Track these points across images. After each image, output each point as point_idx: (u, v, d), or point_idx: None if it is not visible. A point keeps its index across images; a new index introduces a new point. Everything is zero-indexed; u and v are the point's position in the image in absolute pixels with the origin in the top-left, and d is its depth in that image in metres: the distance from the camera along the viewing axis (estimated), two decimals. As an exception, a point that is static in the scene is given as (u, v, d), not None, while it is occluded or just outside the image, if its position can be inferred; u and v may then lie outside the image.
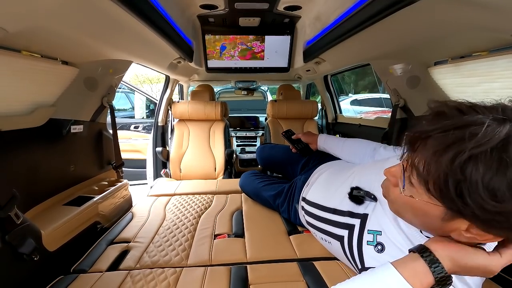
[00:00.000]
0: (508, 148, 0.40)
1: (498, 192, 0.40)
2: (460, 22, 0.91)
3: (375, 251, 0.72)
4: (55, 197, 1.18)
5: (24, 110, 1.06)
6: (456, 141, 0.43)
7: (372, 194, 0.81)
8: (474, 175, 0.41)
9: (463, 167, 0.42)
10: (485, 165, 0.41)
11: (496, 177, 0.40)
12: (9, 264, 0.79)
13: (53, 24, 0.84)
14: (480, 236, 0.48)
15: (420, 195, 0.52)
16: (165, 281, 0.86)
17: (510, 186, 0.40)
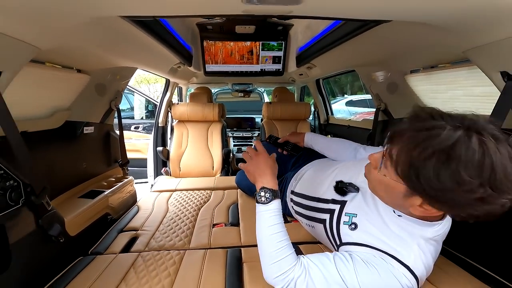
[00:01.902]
0: (456, 148, 0.56)
1: (442, 177, 0.56)
2: (422, 38, 1.07)
3: (349, 229, 0.87)
4: (71, 191, 1.32)
5: (45, 113, 1.20)
6: (423, 139, 0.60)
7: (356, 185, 0.96)
8: (429, 165, 0.58)
9: (424, 159, 0.59)
10: (438, 158, 0.57)
11: (443, 166, 0.56)
12: (41, 244, 0.93)
13: (75, 40, 0.99)
14: (428, 210, 0.65)
15: (391, 175, 0.69)
16: (171, 260, 1.01)
17: (451, 174, 0.56)
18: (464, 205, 0.58)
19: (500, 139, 0.56)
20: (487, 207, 0.56)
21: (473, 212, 0.58)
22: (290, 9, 0.80)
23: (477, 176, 0.54)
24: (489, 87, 0.95)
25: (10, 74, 0.78)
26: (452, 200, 0.58)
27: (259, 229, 0.88)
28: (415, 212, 0.69)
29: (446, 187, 0.57)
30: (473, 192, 0.55)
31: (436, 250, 0.76)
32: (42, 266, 0.93)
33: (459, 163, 0.55)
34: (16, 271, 0.82)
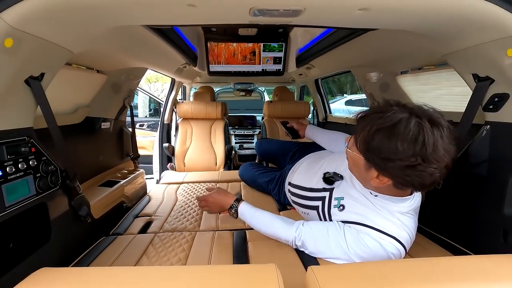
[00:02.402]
0: (397, 126, 0.72)
1: (385, 149, 0.74)
2: (408, 43, 1.20)
3: (338, 210, 1.01)
4: (91, 180, 1.46)
5: (70, 109, 1.33)
6: (375, 120, 0.76)
7: (339, 173, 1.10)
8: (376, 139, 0.75)
9: (373, 134, 0.75)
10: (383, 134, 0.74)
11: (386, 140, 0.73)
12: (73, 223, 1.07)
13: (100, 45, 1.12)
14: (382, 181, 0.81)
15: (355, 151, 0.86)
16: (184, 239, 1.15)
17: (391, 146, 0.72)
18: (400, 172, 0.75)
19: (436, 123, 0.72)
20: (417, 173, 0.72)
21: (408, 178, 0.75)
22: (290, 20, 0.93)
23: (410, 148, 0.70)
24: (466, 87, 1.08)
25: (50, 74, 0.91)
26: (392, 168, 0.75)
27: (252, 227, 1.15)
28: (374, 184, 0.85)
29: (387, 157, 0.74)
30: (406, 160, 0.71)
31: (414, 221, 0.91)
32: (73, 242, 1.07)
33: (398, 137, 0.72)
34: (55, 243, 0.95)
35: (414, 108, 0.77)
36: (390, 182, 0.81)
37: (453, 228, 1.12)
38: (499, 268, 0.63)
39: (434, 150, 0.69)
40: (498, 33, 0.82)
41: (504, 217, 0.91)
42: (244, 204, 1.18)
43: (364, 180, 0.92)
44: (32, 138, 0.87)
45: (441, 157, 0.70)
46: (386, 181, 0.81)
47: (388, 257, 0.85)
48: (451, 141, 0.72)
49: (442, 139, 0.70)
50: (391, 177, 0.79)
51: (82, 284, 0.60)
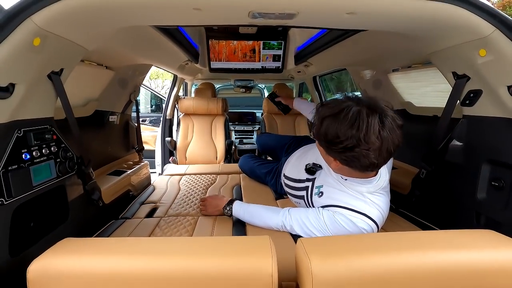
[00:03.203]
0: (339, 113, 0.85)
1: (329, 132, 0.86)
2: (396, 43, 1.30)
3: (318, 197, 1.13)
4: (100, 169, 1.56)
5: (81, 103, 1.43)
6: (325, 109, 0.90)
7: (318, 164, 1.21)
8: (324, 124, 0.88)
9: (321, 121, 0.90)
10: (328, 121, 0.87)
11: (330, 125, 0.86)
12: (87, 205, 1.17)
13: (111, 42, 1.22)
14: (338, 164, 0.93)
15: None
16: (188, 222, 1.25)
17: (334, 130, 0.85)
18: (342, 153, 0.87)
19: (374, 111, 0.83)
20: (354, 154, 0.84)
21: (348, 159, 0.88)
22: (286, 21, 1.02)
23: (348, 132, 0.82)
24: (448, 84, 1.17)
25: (68, 70, 1.01)
26: (336, 150, 0.88)
27: (246, 221, 1.23)
28: (334, 167, 0.98)
29: (331, 140, 0.87)
30: (345, 143, 0.83)
31: (384, 200, 1.02)
32: (87, 222, 1.17)
33: (339, 123, 0.84)
34: (72, 222, 1.05)
35: (363, 99, 0.88)
36: (336, 162, 0.94)
37: (433, 213, 1.23)
38: (464, 239, 0.73)
39: (366, 134, 0.80)
40: (471, 35, 0.91)
41: (477, 201, 1.02)
42: (237, 202, 1.29)
43: (325, 159, 1.04)
44: (53, 127, 0.97)
45: (373, 141, 0.81)
46: (340, 165, 0.94)
47: (360, 232, 0.96)
48: (392, 129, 0.83)
49: (379, 125, 0.81)
50: (338, 158, 0.92)
51: (103, 251, 0.70)
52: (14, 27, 0.72)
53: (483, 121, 1.01)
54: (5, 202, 0.77)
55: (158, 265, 0.63)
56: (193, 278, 0.62)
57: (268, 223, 1.16)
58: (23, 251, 0.84)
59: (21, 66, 0.78)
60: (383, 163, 0.90)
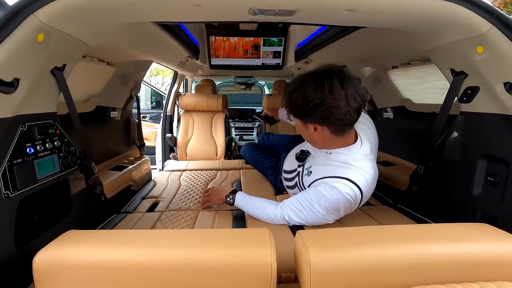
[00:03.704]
0: (305, 81, 1.00)
1: (299, 99, 1.00)
2: (395, 40, 1.31)
3: (307, 176, 1.19)
4: (101, 164, 1.57)
5: (83, 98, 1.44)
6: (289, 86, 1.06)
7: (306, 150, 1.27)
8: (294, 96, 1.02)
9: (291, 92, 1.04)
10: (295, 91, 1.02)
11: (299, 93, 1.00)
12: (89, 199, 1.19)
13: (113, 39, 1.23)
14: (318, 130, 1.03)
15: (293, 118, 1.11)
16: (189, 217, 1.27)
17: (302, 95, 0.98)
18: (316, 112, 0.98)
19: (333, 74, 0.97)
20: (325, 107, 0.96)
21: (322, 116, 0.98)
22: (286, 18, 1.03)
23: (315, 92, 0.96)
24: (446, 81, 1.18)
25: (71, 65, 1.02)
26: (310, 112, 0.99)
27: (247, 212, 1.25)
28: (316, 137, 1.07)
29: (302, 104, 1.00)
30: (315, 101, 0.96)
31: (370, 165, 1.07)
32: (90, 216, 1.19)
33: (306, 88, 0.98)
34: (75, 216, 1.07)
35: (318, 68, 1.03)
36: (322, 127, 1.03)
37: (430, 208, 1.25)
38: (459, 232, 0.75)
39: (330, 87, 0.95)
40: (469, 32, 0.93)
41: (473, 196, 1.04)
42: (240, 192, 1.30)
43: (311, 140, 1.14)
44: (56, 121, 0.99)
45: (338, 91, 0.94)
46: (320, 129, 1.03)
47: (345, 198, 1.01)
48: (350, 79, 0.98)
49: (338, 79, 0.95)
50: (315, 120, 1.02)
51: (106, 242, 0.72)
52: (18, 23, 0.73)
53: (480, 117, 1.02)
54: (10, 194, 0.79)
55: (159, 256, 0.65)
56: (193, 268, 0.64)
57: (269, 214, 1.17)
58: (28, 243, 0.86)
59: (25, 61, 0.79)
60: (356, 115, 1.00)
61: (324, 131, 1.03)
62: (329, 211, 1.04)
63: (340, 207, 1.04)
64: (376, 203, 1.48)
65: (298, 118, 1.09)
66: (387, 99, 1.85)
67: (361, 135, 1.12)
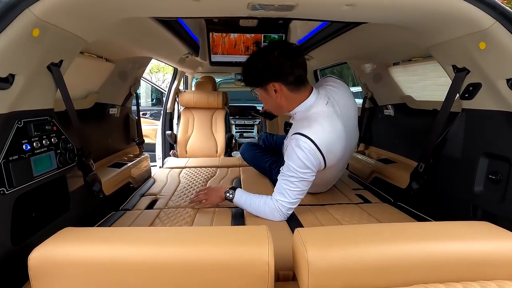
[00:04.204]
0: (249, 60, 1.21)
1: (253, 67, 1.17)
2: (396, 36, 1.29)
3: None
4: (101, 161, 1.57)
5: (81, 95, 1.44)
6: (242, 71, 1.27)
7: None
8: (249, 67, 1.21)
9: (246, 67, 1.23)
10: (251, 63, 1.20)
11: (252, 64, 1.18)
12: (87, 196, 1.19)
13: (111, 35, 1.22)
14: (278, 89, 1.16)
15: (257, 92, 1.29)
16: (187, 214, 1.26)
17: (253, 66, 1.18)
18: (269, 70, 1.14)
19: (277, 45, 1.18)
20: (272, 63, 1.12)
21: (274, 71, 1.13)
22: (285, 13, 1.02)
23: (264, 56, 1.14)
24: (448, 78, 1.17)
25: (68, 61, 1.01)
26: (261, 74, 1.16)
27: (246, 209, 1.27)
28: (280, 100, 1.19)
29: (255, 72, 1.18)
30: (260, 63, 1.14)
31: (330, 122, 1.15)
32: (88, 213, 1.19)
33: (257, 58, 1.16)
34: (73, 213, 1.07)
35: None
36: (280, 85, 1.15)
37: (431, 206, 1.24)
38: (459, 230, 0.74)
39: (268, 47, 1.17)
40: (472, 28, 0.91)
41: (474, 194, 1.02)
42: (240, 189, 1.31)
43: (278, 106, 1.25)
44: (53, 118, 0.98)
45: (277, 50, 1.13)
46: (278, 87, 1.16)
47: (303, 153, 1.09)
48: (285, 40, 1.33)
49: (278, 47, 1.14)
50: (270, 78, 1.15)
51: (103, 240, 0.71)
52: (13, 18, 0.72)
53: (482, 114, 1.01)
54: (6, 191, 0.79)
55: (156, 253, 0.64)
56: (190, 266, 0.63)
57: (265, 210, 1.19)
58: (25, 240, 0.86)
59: (20, 57, 0.78)
60: (302, 69, 1.16)
61: (282, 89, 1.16)
62: (300, 172, 1.11)
63: (305, 163, 1.10)
64: (376, 201, 1.47)
65: (258, 88, 1.24)
66: (388, 96, 1.84)
67: (321, 92, 1.24)
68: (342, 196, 1.54)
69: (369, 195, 1.55)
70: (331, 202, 1.45)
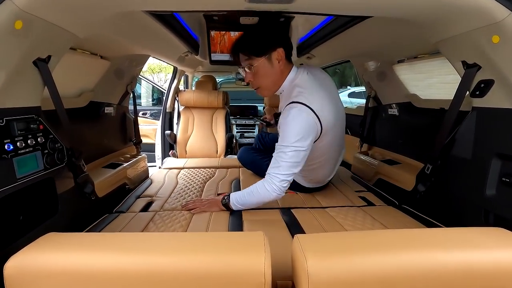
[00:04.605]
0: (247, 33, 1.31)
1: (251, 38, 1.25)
2: (402, 32, 1.24)
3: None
4: (95, 162, 1.52)
5: (74, 93, 1.39)
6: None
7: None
8: (245, 38, 1.29)
9: (242, 40, 1.29)
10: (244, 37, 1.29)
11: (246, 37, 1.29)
12: (78, 199, 1.13)
13: (104, 30, 1.17)
14: (279, 56, 1.22)
15: (257, 65, 1.23)
16: (183, 217, 1.21)
17: (253, 35, 1.27)
18: (271, 38, 1.23)
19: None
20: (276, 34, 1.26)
21: (276, 41, 1.23)
22: (285, 6, 0.96)
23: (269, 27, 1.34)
24: (457, 75, 1.11)
25: (57, 57, 0.96)
26: (267, 39, 1.22)
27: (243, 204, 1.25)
28: (278, 69, 1.24)
29: (259, 37, 1.23)
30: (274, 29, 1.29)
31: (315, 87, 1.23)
32: (78, 216, 1.13)
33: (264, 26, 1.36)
34: (62, 216, 1.02)
35: None
36: (282, 50, 1.21)
37: (439, 210, 1.18)
38: (471, 237, 0.68)
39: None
40: (483, 20, 0.85)
41: (485, 198, 0.96)
42: (232, 196, 1.27)
43: (273, 78, 1.27)
44: (40, 116, 0.93)
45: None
46: (281, 53, 1.21)
47: (299, 118, 1.13)
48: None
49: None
50: (276, 42, 1.21)
51: (88, 246, 0.66)
52: (-8, 9, 0.67)
53: (494, 113, 0.95)
54: None
55: (145, 262, 0.59)
56: (180, 276, 0.58)
57: (259, 191, 1.19)
58: (8, 246, 0.81)
59: (1, 51, 0.74)
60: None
61: (283, 57, 1.22)
62: (295, 141, 1.13)
63: (301, 130, 1.13)
64: (380, 204, 1.42)
65: (261, 58, 1.21)
66: (392, 94, 1.78)
67: (300, 68, 1.31)
68: (345, 198, 1.48)
69: (373, 198, 1.50)
70: (333, 205, 1.39)
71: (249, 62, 1.24)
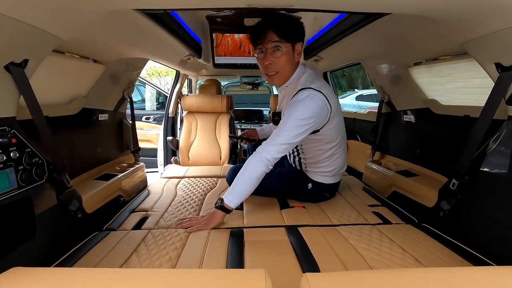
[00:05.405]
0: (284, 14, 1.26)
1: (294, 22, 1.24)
2: (422, 31, 1.10)
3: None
4: (87, 173, 1.42)
5: (64, 100, 1.29)
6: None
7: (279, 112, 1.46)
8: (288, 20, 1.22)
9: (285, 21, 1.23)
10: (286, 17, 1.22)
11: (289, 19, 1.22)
12: (62, 217, 1.03)
13: (93, 32, 1.07)
14: (298, 49, 1.26)
15: (284, 50, 1.22)
16: (178, 237, 1.09)
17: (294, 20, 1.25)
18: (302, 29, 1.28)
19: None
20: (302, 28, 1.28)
21: (303, 35, 1.29)
22: (290, 2, 0.85)
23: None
24: (486, 79, 0.97)
25: (35, 62, 0.86)
26: (302, 30, 1.27)
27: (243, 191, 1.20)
28: (297, 59, 1.29)
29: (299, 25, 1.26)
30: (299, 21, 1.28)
31: (321, 80, 1.30)
32: (62, 238, 1.03)
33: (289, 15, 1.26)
34: (40, 239, 0.91)
35: None
36: (302, 46, 1.27)
37: (471, 235, 1.03)
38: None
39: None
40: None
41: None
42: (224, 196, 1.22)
43: (290, 67, 1.28)
44: (14, 128, 0.83)
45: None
46: (301, 47, 1.27)
47: (314, 100, 1.18)
48: None
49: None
50: (303, 36, 1.28)
51: (56, 286, 0.55)
52: None
53: (536, 123, 0.81)
54: None
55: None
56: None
57: (248, 165, 1.19)
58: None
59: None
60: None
61: (301, 49, 1.28)
62: (303, 119, 1.16)
63: (313, 111, 1.17)
64: (397, 221, 1.28)
65: (288, 44, 1.22)
66: (408, 100, 1.64)
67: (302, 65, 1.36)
68: (357, 214, 1.34)
69: (388, 213, 1.36)
70: (345, 222, 1.26)
71: (277, 44, 1.21)
